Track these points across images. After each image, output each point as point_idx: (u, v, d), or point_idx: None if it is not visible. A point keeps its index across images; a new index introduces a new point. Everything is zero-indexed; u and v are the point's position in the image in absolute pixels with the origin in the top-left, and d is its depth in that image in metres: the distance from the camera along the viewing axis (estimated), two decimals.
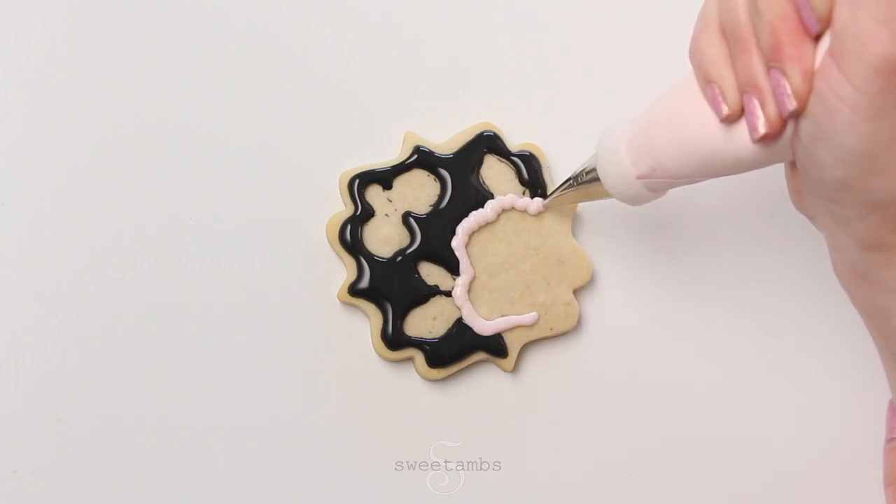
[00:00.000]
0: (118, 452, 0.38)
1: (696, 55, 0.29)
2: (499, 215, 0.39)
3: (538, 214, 0.39)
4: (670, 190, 0.33)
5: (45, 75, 0.40)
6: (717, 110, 0.28)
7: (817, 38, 0.26)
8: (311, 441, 0.39)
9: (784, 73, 0.26)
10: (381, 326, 0.39)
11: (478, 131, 0.40)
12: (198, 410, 0.39)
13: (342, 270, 0.40)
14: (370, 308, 0.39)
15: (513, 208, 0.39)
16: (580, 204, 0.40)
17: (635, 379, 0.40)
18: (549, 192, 0.39)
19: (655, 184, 0.31)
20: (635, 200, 0.32)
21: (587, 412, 0.40)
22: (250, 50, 0.40)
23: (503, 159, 0.40)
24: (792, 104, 0.26)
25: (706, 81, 0.28)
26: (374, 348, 0.39)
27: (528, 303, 0.39)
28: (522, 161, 0.40)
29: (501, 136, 0.40)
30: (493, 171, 0.40)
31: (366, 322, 0.39)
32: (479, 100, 0.41)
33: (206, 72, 0.40)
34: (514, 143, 0.41)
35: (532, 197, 0.40)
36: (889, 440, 0.35)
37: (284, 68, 0.40)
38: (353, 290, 0.39)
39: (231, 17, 0.41)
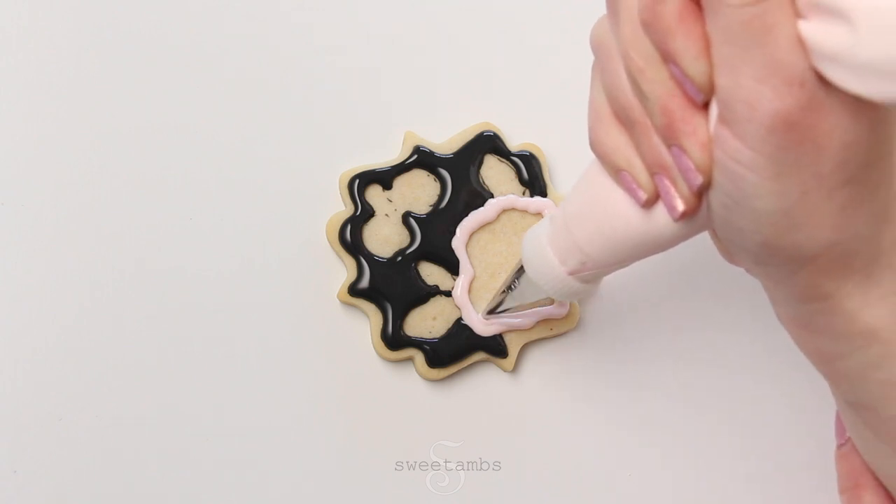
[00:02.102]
0: (118, 452, 0.38)
1: (597, 147, 0.28)
2: (499, 215, 0.39)
3: (538, 214, 0.40)
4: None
5: (45, 75, 0.40)
6: (635, 197, 0.28)
7: (705, 106, 0.25)
8: (311, 441, 0.39)
9: (683, 150, 0.25)
10: (381, 326, 0.39)
11: (478, 131, 0.40)
12: (198, 410, 0.39)
13: (342, 270, 0.40)
14: (370, 308, 0.39)
15: (513, 209, 0.39)
16: None
17: (635, 379, 0.40)
18: (487, 306, 0.38)
19: (588, 276, 0.31)
20: (572, 296, 0.32)
21: (587, 412, 0.40)
22: (250, 50, 0.40)
23: (503, 159, 0.40)
24: (699, 179, 0.25)
25: (615, 171, 0.28)
26: (374, 348, 0.39)
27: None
28: (522, 161, 0.40)
29: (501, 136, 0.40)
30: (493, 171, 0.40)
31: (366, 322, 0.39)
32: (479, 100, 0.41)
33: (206, 72, 0.40)
34: (514, 143, 0.41)
35: (532, 196, 0.40)
36: (839, 447, 0.35)
37: (284, 68, 0.40)
38: (353, 290, 0.39)
39: (231, 17, 0.41)
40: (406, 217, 0.39)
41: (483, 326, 0.39)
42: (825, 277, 0.26)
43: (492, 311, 0.37)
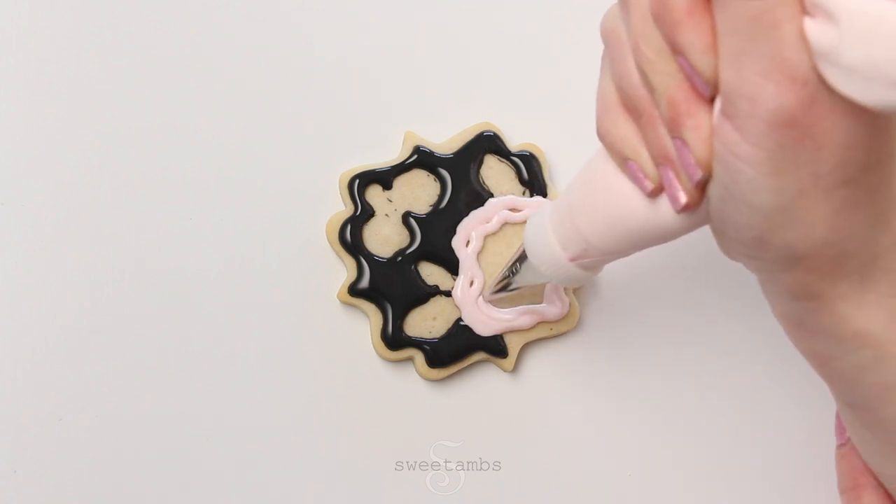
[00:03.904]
0: (118, 452, 0.38)
1: (605, 137, 0.28)
2: (502, 227, 0.39)
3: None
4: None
5: (45, 75, 0.40)
6: (641, 187, 0.28)
7: (712, 100, 0.25)
8: (311, 441, 0.39)
9: (686, 143, 0.25)
10: (381, 326, 0.39)
11: (478, 131, 0.40)
12: (198, 410, 0.39)
13: (342, 270, 0.40)
14: (370, 308, 0.39)
15: (515, 223, 0.39)
16: None
17: (635, 379, 0.40)
18: (488, 288, 0.38)
19: (589, 263, 0.31)
20: (572, 282, 0.32)
21: (587, 412, 0.40)
22: (250, 50, 0.40)
23: (503, 159, 0.40)
24: (698, 173, 0.25)
25: (622, 160, 0.28)
26: (374, 348, 0.39)
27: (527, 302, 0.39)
28: (522, 161, 0.40)
29: (501, 136, 0.40)
30: (493, 171, 0.40)
31: (366, 322, 0.39)
32: (479, 100, 0.41)
33: (206, 72, 0.40)
34: (514, 143, 0.41)
35: (532, 196, 0.40)
36: (839, 446, 0.35)
37: (284, 69, 0.40)
38: (353, 290, 0.39)
39: (231, 17, 0.41)
40: (406, 217, 0.39)
41: (484, 326, 0.39)
42: (817, 277, 0.26)
43: (495, 293, 0.37)
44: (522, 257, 0.34)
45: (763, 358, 0.41)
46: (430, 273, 0.39)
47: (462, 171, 0.40)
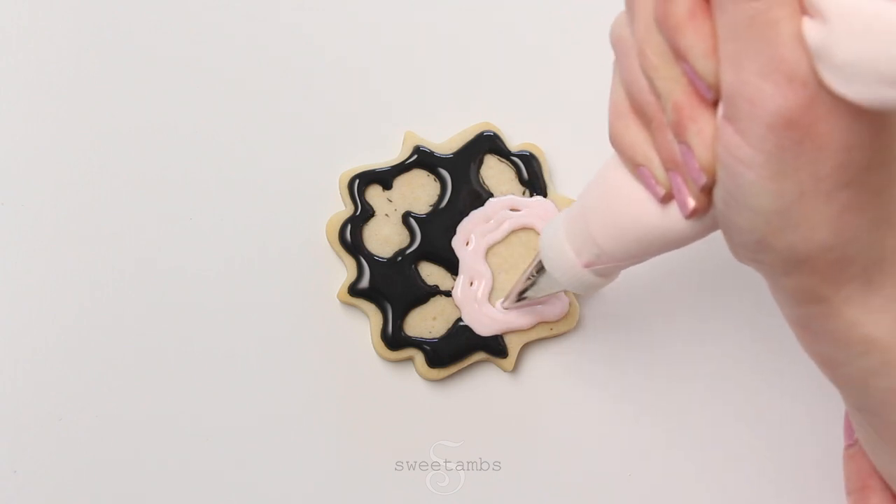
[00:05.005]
0: (118, 452, 0.38)
1: (616, 142, 0.28)
2: (507, 236, 0.39)
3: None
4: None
5: (45, 75, 0.40)
6: (653, 193, 0.28)
7: (715, 104, 0.25)
8: (311, 441, 0.39)
9: (690, 148, 0.26)
10: (381, 326, 0.39)
11: (478, 131, 0.40)
12: (198, 410, 0.39)
13: (342, 270, 0.40)
14: (370, 308, 0.39)
15: (522, 228, 0.39)
16: None
17: (635, 379, 0.40)
18: (507, 295, 0.39)
19: (603, 269, 0.31)
20: (587, 289, 0.32)
21: (587, 412, 0.40)
22: (250, 50, 0.40)
23: (503, 159, 0.40)
24: (703, 178, 0.25)
25: (634, 166, 0.28)
26: (374, 348, 0.39)
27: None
28: (522, 161, 0.40)
29: (501, 136, 0.40)
30: (493, 171, 0.40)
31: (366, 322, 0.39)
32: (479, 100, 0.41)
33: (206, 72, 0.40)
34: (514, 143, 0.41)
35: (532, 196, 0.40)
36: (847, 447, 0.35)
37: (284, 69, 0.40)
38: (353, 290, 0.39)
39: (231, 17, 0.41)
40: (406, 217, 0.39)
41: (484, 326, 0.39)
42: (821, 280, 0.26)
43: (513, 300, 0.38)
44: (539, 266, 0.34)
45: (763, 358, 0.41)
46: (430, 273, 0.39)
47: (462, 171, 0.40)
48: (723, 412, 0.40)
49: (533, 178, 0.40)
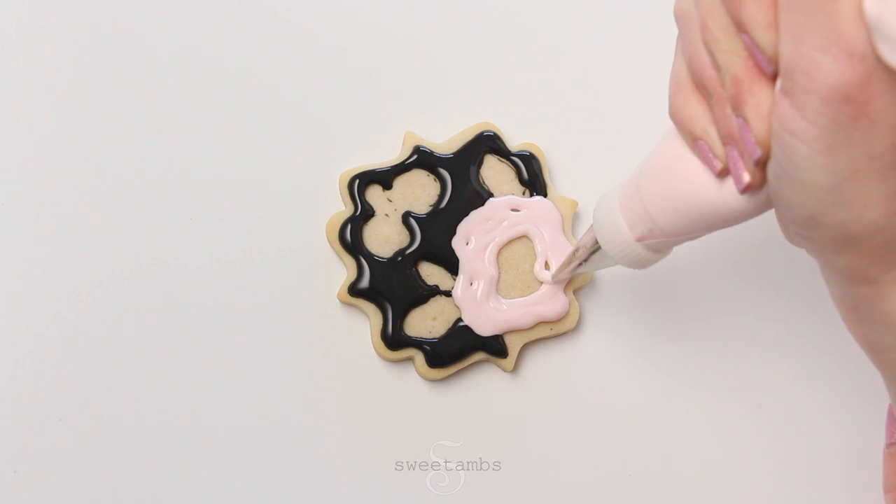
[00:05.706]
0: (118, 452, 0.38)
1: (676, 115, 0.29)
2: (510, 242, 0.39)
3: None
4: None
5: (45, 76, 0.40)
6: (710, 167, 0.28)
7: (774, 79, 0.25)
8: (311, 441, 0.39)
9: (747, 121, 0.26)
10: (381, 326, 0.39)
11: (478, 131, 0.40)
12: (198, 410, 0.39)
13: (342, 270, 0.40)
14: (370, 308, 0.39)
15: (525, 236, 0.39)
16: (576, 204, 0.40)
17: (635, 379, 0.40)
18: (559, 269, 0.38)
19: (656, 244, 0.31)
20: (640, 264, 0.32)
21: (587, 412, 0.40)
22: (250, 50, 0.40)
23: (503, 159, 0.40)
24: (757, 151, 0.26)
25: (692, 139, 0.28)
26: (374, 348, 0.39)
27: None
28: (522, 161, 0.40)
29: (501, 136, 0.40)
30: (493, 171, 0.40)
31: (366, 322, 0.39)
32: (479, 100, 0.41)
33: (206, 72, 0.40)
34: (514, 143, 0.41)
35: (532, 196, 0.40)
36: (889, 445, 0.35)
37: (284, 68, 0.40)
38: (353, 290, 0.39)
39: (231, 17, 0.41)
40: (406, 217, 0.39)
41: (484, 326, 0.39)
42: (870, 261, 0.26)
43: (567, 273, 0.38)
44: (595, 247, 0.34)
45: (766, 357, 0.41)
46: (430, 273, 0.39)
47: (462, 171, 0.40)
48: (724, 412, 0.40)
49: (533, 178, 0.40)
